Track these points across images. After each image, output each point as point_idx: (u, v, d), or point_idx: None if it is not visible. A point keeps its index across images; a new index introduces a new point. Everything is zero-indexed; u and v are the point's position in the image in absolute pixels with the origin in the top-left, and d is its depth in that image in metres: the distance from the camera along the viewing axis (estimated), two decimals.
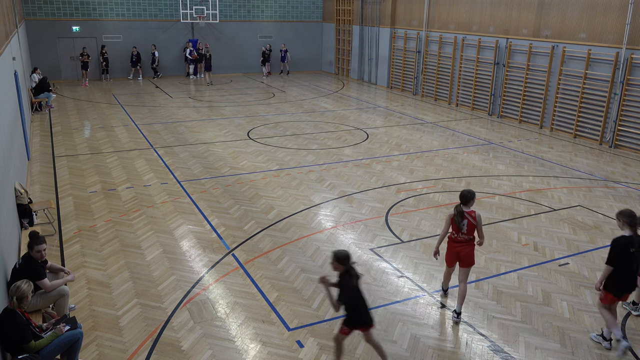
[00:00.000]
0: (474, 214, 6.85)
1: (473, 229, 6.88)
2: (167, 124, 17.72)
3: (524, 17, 18.78)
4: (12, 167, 9.35)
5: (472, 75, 21.17)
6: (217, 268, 8.32)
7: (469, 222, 6.83)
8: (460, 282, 7.06)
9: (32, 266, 6.46)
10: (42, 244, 6.60)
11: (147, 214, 10.32)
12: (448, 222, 6.97)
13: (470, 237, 6.92)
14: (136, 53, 26.43)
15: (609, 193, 12.07)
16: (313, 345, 6.50)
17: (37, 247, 6.53)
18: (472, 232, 6.90)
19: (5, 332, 5.46)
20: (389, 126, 18.24)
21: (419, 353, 6.42)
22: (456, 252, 6.97)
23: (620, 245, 6.30)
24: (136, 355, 6.26)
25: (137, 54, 26.47)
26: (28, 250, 6.60)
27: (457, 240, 6.95)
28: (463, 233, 6.88)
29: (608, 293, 6.46)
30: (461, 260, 7.01)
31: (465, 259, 6.97)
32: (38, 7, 24.73)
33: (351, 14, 28.43)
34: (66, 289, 6.72)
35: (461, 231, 6.88)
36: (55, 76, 25.14)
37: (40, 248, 6.55)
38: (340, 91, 25.41)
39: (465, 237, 6.90)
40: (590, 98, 16.63)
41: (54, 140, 15.60)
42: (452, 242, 7.02)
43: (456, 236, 6.94)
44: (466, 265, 7.02)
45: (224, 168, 13.22)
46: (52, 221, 9.73)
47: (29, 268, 6.41)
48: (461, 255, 6.96)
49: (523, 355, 6.43)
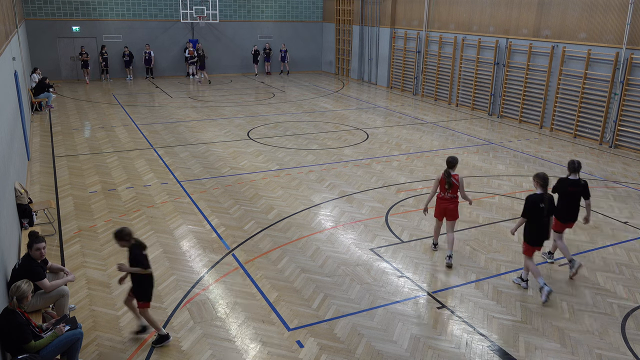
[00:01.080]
0: (457, 177, 8.33)
1: (457, 189, 8.35)
2: (167, 124, 17.73)
3: (524, 17, 18.78)
4: (12, 167, 9.35)
5: (472, 75, 21.17)
6: (217, 268, 8.32)
7: (453, 183, 8.28)
8: (448, 232, 8.56)
9: (32, 266, 6.46)
10: (41, 242, 6.60)
11: (147, 214, 10.32)
12: (436, 184, 8.42)
13: (454, 196, 8.39)
14: (128, 53, 26.30)
15: (609, 193, 12.06)
16: (313, 345, 6.50)
17: (36, 245, 6.53)
18: (455, 192, 8.37)
19: (5, 332, 5.46)
20: (389, 126, 18.24)
21: (419, 353, 6.42)
22: (443, 208, 8.45)
23: (532, 201, 7.53)
24: (136, 356, 6.26)
25: (130, 54, 26.34)
26: (27, 250, 6.60)
27: (444, 199, 8.42)
28: (449, 192, 8.34)
29: (526, 243, 7.70)
30: (447, 215, 8.48)
31: (450, 214, 8.46)
32: (38, 7, 24.73)
33: (351, 14, 28.44)
34: (66, 289, 6.72)
35: (448, 191, 8.33)
36: (55, 76, 25.15)
37: (40, 246, 6.55)
38: (340, 91, 25.42)
39: (450, 196, 8.36)
40: (590, 98, 16.63)
41: (54, 140, 15.60)
42: (440, 200, 8.47)
43: (443, 195, 8.41)
44: (452, 219, 8.49)
45: (224, 168, 13.22)
46: (52, 221, 9.73)
47: (28, 268, 6.41)
48: (447, 211, 8.44)
49: (523, 355, 6.44)
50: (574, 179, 8.16)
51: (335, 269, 8.36)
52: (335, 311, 7.22)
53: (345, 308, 7.30)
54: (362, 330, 6.82)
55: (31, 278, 6.05)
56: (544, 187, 7.54)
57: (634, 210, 11.03)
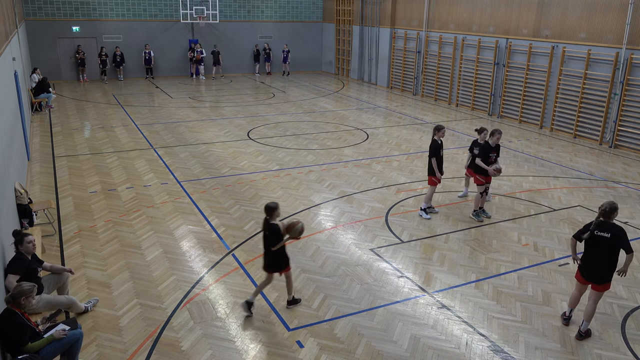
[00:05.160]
0: None
1: None
2: (167, 124, 17.72)
3: (524, 17, 18.78)
4: (12, 167, 9.35)
5: (472, 75, 21.18)
6: (217, 268, 8.32)
7: None
8: None
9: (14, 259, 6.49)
10: (30, 235, 6.61)
11: (147, 214, 10.32)
12: None
13: None
14: (120, 53, 26.16)
15: (609, 193, 12.06)
16: (313, 346, 6.50)
17: (27, 239, 6.53)
18: None
19: (4, 332, 5.46)
20: (389, 126, 18.24)
21: (419, 353, 6.42)
22: None
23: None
24: (136, 356, 6.26)
25: (121, 54, 26.19)
26: (17, 247, 6.58)
27: None
28: None
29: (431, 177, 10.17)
30: None
31: None
32: (38, 7, 24.74)
33: (351, 14, 28.44)
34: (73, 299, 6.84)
35: None
36: (55, 76, 25.16)
37: (31, 239, 6.56)
38: (340, 91, 25.41)
39: None
40: (590, 98, 16.63)
41: (54, 140, 15.60)
42: None
43: None
44: None
45: (224, 168, 13.22)
46: (52, 221, 9.73)
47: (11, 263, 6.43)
48: None
49: (523, 355, 6.43)
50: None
51: (335, 269, 8.37)
52: (335, 311, 7.22)
53: (345, 308, 7.30)
54: (362, 330, 6.82)
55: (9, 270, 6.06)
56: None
57: (634, 210, 11.03)
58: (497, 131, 10.06)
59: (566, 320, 7.01)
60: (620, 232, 6.36)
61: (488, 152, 10.08)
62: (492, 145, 10.12)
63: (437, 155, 10.08)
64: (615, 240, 6.34)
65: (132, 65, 27.18)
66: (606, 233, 6.39)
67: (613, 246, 6.38)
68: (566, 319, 7.01)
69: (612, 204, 6.45)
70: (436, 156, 10.06)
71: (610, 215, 6.44)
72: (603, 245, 6.42)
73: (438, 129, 10.07)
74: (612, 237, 6.35)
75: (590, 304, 6.68)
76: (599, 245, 6.45)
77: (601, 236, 6.42)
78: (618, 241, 6.33)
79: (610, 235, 6.36)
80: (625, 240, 6.33)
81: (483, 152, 10.10)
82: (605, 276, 6.52)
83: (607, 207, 6.43)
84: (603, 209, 6.45)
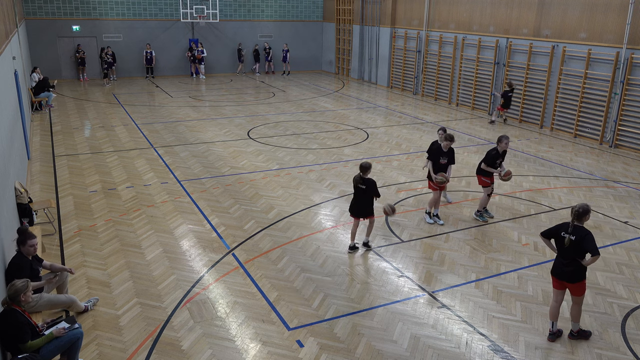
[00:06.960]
0: None
1: None
2: (167, 124, 17.72)
3: (524, 16, 18.78)
4: (12, 167, 9.35)
5: (473, 75, 21.17)
6: (217, 267, 8.32)
7: None
8: None
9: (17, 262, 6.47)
10: (34, 237, 6.62)
11: (147, 214, 10.32)
12: None
13: None
14: (111, 53, 25.73)
15: (609, 193, 12.07)
16: (313, 345, 6.50)
17: (29, 242, 6.52)
18: None
19: (4, 330, 5.46)
20: (389, 126, 18.24)
21: (419, 353, 6.42)
22: None
23: (434, 148, 10.10)
24: (136, 355, 6.26)
25: (112, 54, 25.81)
26: (19, 247, 6.58)
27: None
28: None
29: (430, 181, 10.07)
30: None
31: None
32: (38, 6, 24.73)
33: (351, 14, 28.43)
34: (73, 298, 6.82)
35: None
36: (55, 76, 25.14)
37: (33, 242, 6.56)
38: (340, 91, 25.41)
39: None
40: (591, 98, 16.63)
41: (54, 139, 15.60)
42: None
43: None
44: None
45: (224, 167, 13.22)
46: (52, 220, 9.73)
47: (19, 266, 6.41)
48: None
49: (523, 354, 6.43)
50: None
51: (335, 268, 8.37)
52: (335, 311, 7.22)
53: (345, 308, 7.30)
54: (362, 329, 6.83)
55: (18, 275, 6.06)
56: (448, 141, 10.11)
57: (634, 210, 11.03)
58: (505, 137, 9.94)
59: (552, 336, 6.68)
60: (586, 236, 6.31)
61: (495, 159, 9.99)
62: (500, 151, 9.98)
63: (435, 160, 10.06)
64: (580, 241, 6.32)
65: (132, 64, 27.15)
66: (572, 235, 6.37)
67: (578, 247, 6.35)
68: (552, 334, 6.70)
69: (585, 207, 6.42)
70: (434, 160, 10.07)
71: (581, 218, 6.41)
72: (569, 246, 6.40)
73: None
74: (577, 239, 6.32)
75: (573, 306, 6.67)
76: (565, 245, 6.44)
77: (566, 237, 6.41)
78: (582, 242, 6.30)
79: (575, 238, 6.34)
80: (589, 244, 6.27)
81: (490, 159, 9.97)
82: (574, 274, 6.43)
83: (580, 209, 6.39)
84: (576, 211, 6.41)
